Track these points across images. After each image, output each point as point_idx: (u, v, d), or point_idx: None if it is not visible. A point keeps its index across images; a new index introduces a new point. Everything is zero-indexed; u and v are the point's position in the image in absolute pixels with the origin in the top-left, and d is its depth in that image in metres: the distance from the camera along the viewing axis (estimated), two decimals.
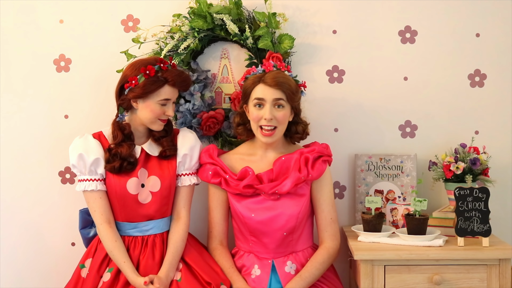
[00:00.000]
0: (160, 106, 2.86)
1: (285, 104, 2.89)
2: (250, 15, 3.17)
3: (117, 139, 2.88)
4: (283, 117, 2.89)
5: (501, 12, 3.23)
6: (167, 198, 2.92)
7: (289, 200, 2.91)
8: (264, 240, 2.93)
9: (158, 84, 2.83)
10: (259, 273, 2.91)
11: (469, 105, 3.26)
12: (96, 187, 2.86)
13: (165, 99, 2.85)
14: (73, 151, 2.88)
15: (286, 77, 2.90)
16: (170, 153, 2.93)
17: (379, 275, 2.80)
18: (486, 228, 2.83)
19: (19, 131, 3.28)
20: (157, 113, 2.86)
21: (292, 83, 2.90)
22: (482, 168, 3.07)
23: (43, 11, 3.25)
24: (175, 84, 2.86)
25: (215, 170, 2.95)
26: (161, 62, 2.86)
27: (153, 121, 2.88)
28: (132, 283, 2.80)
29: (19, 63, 3.27)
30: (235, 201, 2.95)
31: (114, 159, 2.86)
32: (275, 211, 2.91)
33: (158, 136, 2.94)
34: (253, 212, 2.92)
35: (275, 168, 2.94)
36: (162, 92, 2.85)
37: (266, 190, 2.90)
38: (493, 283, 2.78)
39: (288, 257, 2.94)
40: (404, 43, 3.25)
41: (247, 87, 2.92)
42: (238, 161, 3.00)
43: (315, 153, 2.94)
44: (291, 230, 2.92)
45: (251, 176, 2.91)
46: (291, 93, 2.88)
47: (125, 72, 2.88)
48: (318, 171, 2.93)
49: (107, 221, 2.87)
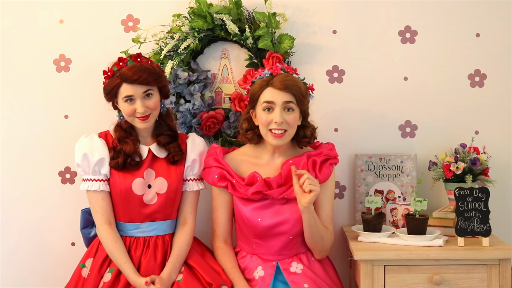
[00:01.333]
0: (128, 105, 2.84)
1: (295, 107, 2.85)
2: (250, 15, 3.17)
3: (117, 135, 2.89)
4: (293, 121, 2.85)
5: (501, 12, 3.23)
6: (173, 200, 2.92)
7: (296, 204, 2.86)
8: (269, 243, 2.92)
9: (115, 83, 2.82)
10: (263, 274, 2.89)
11: (469, 105, 3.26)
12: (99, 187, 2.86)
13: (126, 96, 2.82)
14: (78, 150, 2.88)
15: (295, 79, 2.86)
16: (177, 158, 2.92)
17: (379, 275, 2.80)
18: (486, 228, 2.83)
19: (19, 131, 3.28)
20: (127, 112, 2.84)
21: (302, 85, 2.87)
22: (482, 168, 3.07)
23: (43, 11, 3.25)
24: (129, 80, 2.80)
25: (222, 173, 2.91)
26: (120, 61, 2.84)
27: (131, 119, 2.87)
28: (133, 283, 2.79)
29: (19, 63, 3.27)
30: (241, 205, 2.92)
31: (118, 155, 2.86)
32: (282, 215, 2.89)
33: (164, 142, 2.92)
34: (259, 217, 2.89)
35: (283, 172, 2.91)
36: (122, 90, 2.82)
37: (275, 195, 2.88)
38: (493, 283, 2.78)
39: (293, 259, 2.93)
40: (404, 43, 3.25)
41: (254, 91, 2.87)
42: (244, 163, 2.97)
43: (322, 156, 2.93)
44: (297, 234, 2.91)
45: (260, 183, 2.88)
46: (301, 96, 2.84)
47: None
48: (325, 175, 2.92)
49: (108, 222, 2.87)
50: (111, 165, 2.86)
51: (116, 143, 2.88)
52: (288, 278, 2.87)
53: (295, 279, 2.86)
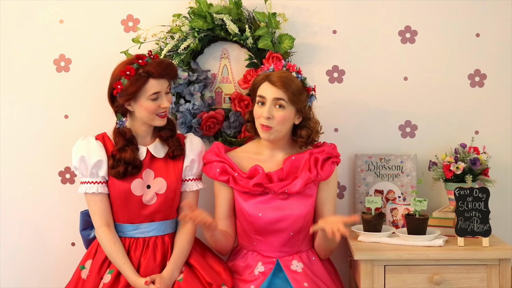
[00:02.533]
0: (153, 101, 2.82)
1: (286, 105, 2.85)
2: (250, 15, 3.17)
3: (119, 145, 2.87)
4: (281, 118, 2.85)
5: (501, 12, 3.23)
6: (172, 200, 2.92)
7: (297, 200, 2.89)
8: (270, 239, 2.92)
9: (142, 81, 2.80)
10: (263, 269, 2.89)
11: (469, 105, 3.26)
12: (97, 189, 2.86)
13: (154, 93, 2.82)
14: (75, 153, 2.88)
15: (291, 78, 2.86)
16: (177, 153, 2.92)
17: (379, 275, 2.80)
18: (486, 228, 2.83)
19: (19, 131, 3.28)
20: (152, 109, 2.83)
21: (296, 84, 2.86)
22: (482, 168, 3.07)
23: (43, 11, 3.25)
24: (158, 75, 2.81)
25: (223, 167, 2.92)
26: (138, 59, 2.82)
27: (152, 118, 2.86)
28: (132, 284, 2.79)
29: (19, 63, 3.27)
30: (241, 200, 2.93)
31: (118, 164, 2.85)
32: (283, 211, 2.89)
33: (166, 137, 2.93)
34: (260, 212, 2.90)
35: (285, 167, 2.92)
36: (149, 87, 2.81)
37: (275, 189, 2.89)
38: (493, 283, 2.78)
39: (294, 257, 2.93)
40: (404, 43, 3.25)
41: (255, 84, 2.92)
42: (246, 159, 2.98)
43: (325, 154, 2.93)
44: (298, 231, 2.91)
45: (261, 175, 2.89)
46: (293, 94, 2.84)
47: (111, 76, 2.86)
48: (327, 172, 2.93)
49: (106, 224, 2.87)
50: (111, 174, 2.85)
51: (116, 151, 2.87)
52: (289, 275, 2.87)
53: (296, 277, 2.87)
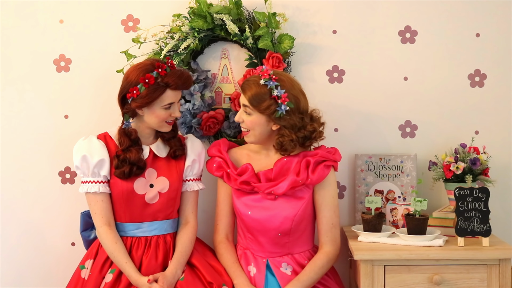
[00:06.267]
0: (165, 110, 2.85)
1: (251, 111, 2.86)
2: (250, 15, 3.17)
3: (124, 145, 2.87)
4: (249, 123, 2.88)
5: (501, 12, 3.23)
6: (174, 199, 2.93)
7: (286, 202, 2.90)
8: (259, 238, 2.93)
9: (160, 91, 2.81)
10: (255, 271, 2.91)
11: (469, 105, 3.26)
12: (99, 189, 2.86)
13: (169, 103, 2.85)
14: (76, 152, 2.88)
15: (255, 83, 2.85)
16: (179, 153, 2.94)
17: (379, 275, 2.80)
18: (486, 228, 2.83)
19: (19, 131, 3.28)
20: (163, 118, 2.86)
21: (258, 91, 2.83)
22: (482, 168, 3.07)
23: (43, 11, 3.25)
24: (177, 88, 2.85)
25: (219, 163, 2.96)
26: (159, 68, 2.82)
27: (161, 125, 2.88)
28: (134, 283, 2.79)
29: (19, 63, 3.27)
30: (235, 197, 2.96)
31: (123, 164, 2.85)
32: (271, 211, 2.90)
33: (168, 137, 2.95)
34: (250, 210, 2.92)
35: (275, 169, 2.93)
36: (165, 97, 2.83)
37: (262, 189, 2.90)
38: (493, 283, 2.78)
39: (283, 258, 2.94)
40: (404, 43, 3.25)
41: None
42: (244, 157, 3.00)
43: (318, 157, 2.92)
44: (286, 232, 2.91)
45: (249, 173, 2.91)
46: (254, 101, 2.83)
47: (126, 79, 2.84)
48: (319, 176, 2.91)
49: (107, 224, 2.87)
50: (116, 175, 2.86)
51: (120, 151, 2.87)
52: (279, 278, 2.88)
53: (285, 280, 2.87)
